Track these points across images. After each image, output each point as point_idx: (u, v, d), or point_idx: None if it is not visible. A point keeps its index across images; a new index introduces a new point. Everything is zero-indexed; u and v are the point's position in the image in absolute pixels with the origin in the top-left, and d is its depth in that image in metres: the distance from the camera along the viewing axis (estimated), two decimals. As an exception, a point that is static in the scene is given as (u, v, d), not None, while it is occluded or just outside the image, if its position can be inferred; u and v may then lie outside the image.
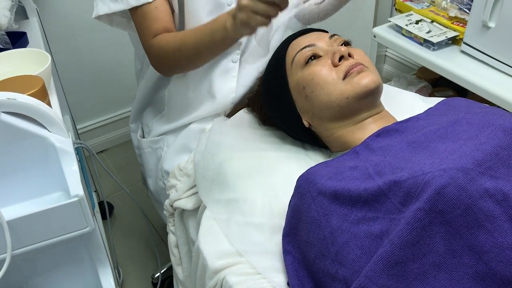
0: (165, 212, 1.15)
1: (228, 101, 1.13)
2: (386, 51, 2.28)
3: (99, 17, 1.09)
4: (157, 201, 1.35)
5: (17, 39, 1.24)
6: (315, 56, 0.92)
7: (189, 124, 1.19)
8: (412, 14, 1.52)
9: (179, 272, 1.16)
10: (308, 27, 1.14)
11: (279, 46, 1.01)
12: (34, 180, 0.89)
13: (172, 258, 1.16)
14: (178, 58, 1.03)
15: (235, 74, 1.14)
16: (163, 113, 1.24)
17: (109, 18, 1.12)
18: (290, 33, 1.07)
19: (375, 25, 2.08)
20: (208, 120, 1.16)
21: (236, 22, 0.85)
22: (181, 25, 1.09)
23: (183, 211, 1.10)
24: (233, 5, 1.07)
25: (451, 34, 1.38)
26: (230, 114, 1.15)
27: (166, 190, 1.16)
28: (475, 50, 1.31)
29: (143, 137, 1.31)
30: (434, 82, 1.91)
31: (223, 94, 1.12)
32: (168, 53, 1.03)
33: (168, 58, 1.04)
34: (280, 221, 0.84)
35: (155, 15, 1.03)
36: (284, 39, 1.04)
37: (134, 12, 1.05)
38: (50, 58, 1.07)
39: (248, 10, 0.81)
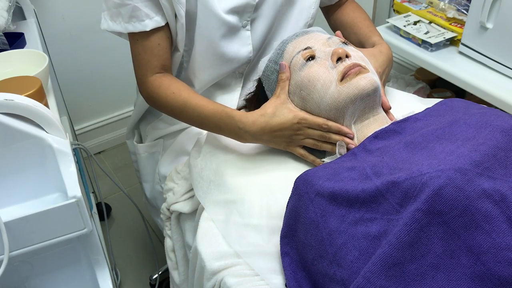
0: (161, 216, 1.14)
1: None
2: (384, 52, 2.28)
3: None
4: (154, 207, 1.34)
5: (15, 40, 1.24)
6: (312, 58, 0.92)
7: (187, 127, 1.19)
8: (410, 15, 1.52)
9: (175, 276, 1.15)
10: (306, 28, 1.14)
11: (276, 48, 1.01)
12: (31, 182, 0.88)
13: (168, 262, 1.16)
14: (169, 113, 1.03)
15: (239, 89, 1.14)
16: (161, 117, 1.23)
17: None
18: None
19: (373, 26, 2.07)
20: None
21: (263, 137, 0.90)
22: (188, 41, 1.06)
23: (179, 215, 1.10)
24: (248, 27, 1.06)
25: (449, 35, 1.38)
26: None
27: (163, 194, 1.16)
28: (473, 51, 1.32)
29: (141, 143, 1.30)
30: (432, 83, 1.91)
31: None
32: (161, 105, 1.02)
33: (159, 107, 1.04)
34: (278, 223, 0.84)
35: (157, 52, 1.00)
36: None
37: (133, 39, 1.01)
38: (47, 59, 1.07)
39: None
